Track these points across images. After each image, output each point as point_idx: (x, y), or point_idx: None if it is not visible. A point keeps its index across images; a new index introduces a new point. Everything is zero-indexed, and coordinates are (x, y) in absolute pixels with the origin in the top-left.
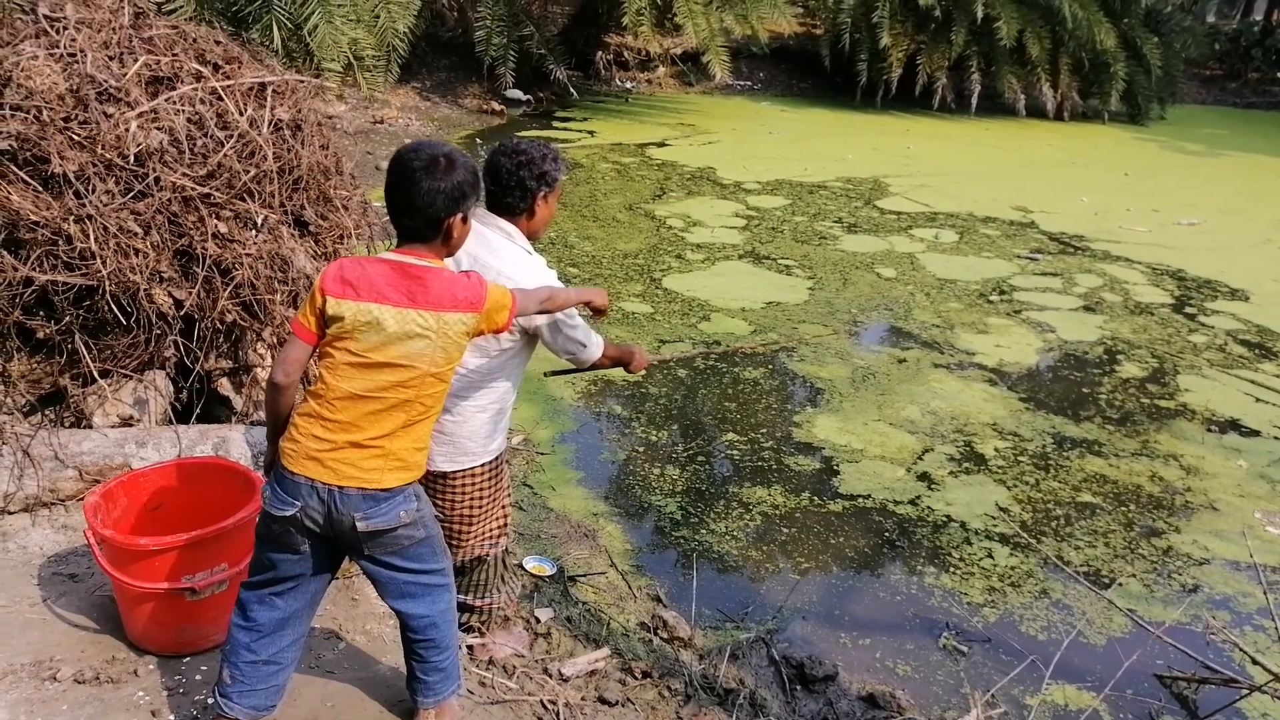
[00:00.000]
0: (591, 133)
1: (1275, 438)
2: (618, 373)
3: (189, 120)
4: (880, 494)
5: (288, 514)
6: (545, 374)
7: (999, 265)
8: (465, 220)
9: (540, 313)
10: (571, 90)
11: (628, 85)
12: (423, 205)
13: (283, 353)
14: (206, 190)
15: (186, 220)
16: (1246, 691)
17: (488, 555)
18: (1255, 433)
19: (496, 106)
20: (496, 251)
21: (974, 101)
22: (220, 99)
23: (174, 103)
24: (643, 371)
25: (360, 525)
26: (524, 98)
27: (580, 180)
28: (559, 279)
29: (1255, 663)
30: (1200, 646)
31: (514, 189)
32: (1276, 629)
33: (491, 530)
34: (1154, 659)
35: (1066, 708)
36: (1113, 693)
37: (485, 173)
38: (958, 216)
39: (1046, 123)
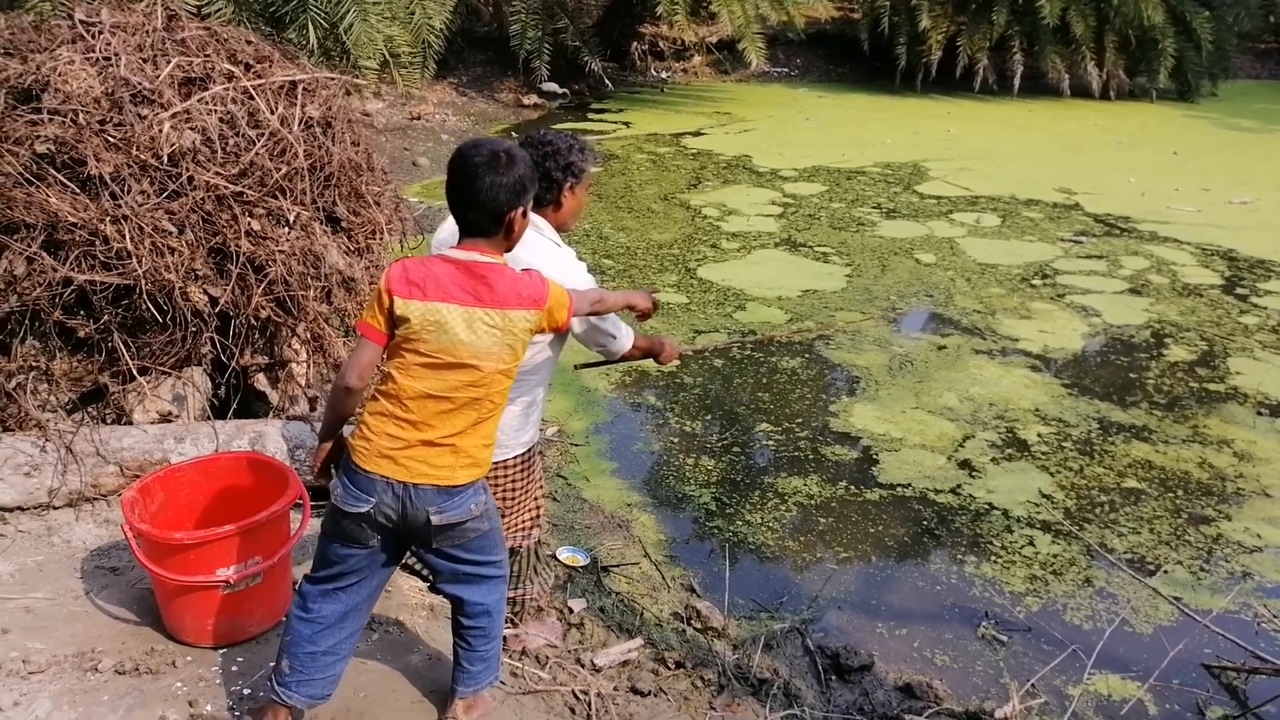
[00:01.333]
0: (627, 124)
1: None
2: (651, 364)
3: (221, 120)
4: (920, 482)
5: (362, 510)
6: (576, 366)
7: (1042, 249)
8: (525, 214)
9: (591, 313)
10: (607, 81)
11: (663, 75)
12: (486, 200)
13: (354, 356)
14: (239, 189)
15: (220, 219)
16: None
17: (520, 546)
18: None
19: (532, 100)
20: (526, 244)
21: (1016, 82)
22: (251, 98)
23: (206, 103)
24: (675, 362)
25: (435, 519)
26: (560, 90)
27: (615, 171)
28: (590, 270)
29: None
30: (1250, 635)
31: (540, 180)
32: None
33: (524, 522)
34: (1202, 648)
35: (1110, 698)
36: (1158, 683)
37: None
38: (999, 200)
39: (1092, 102)
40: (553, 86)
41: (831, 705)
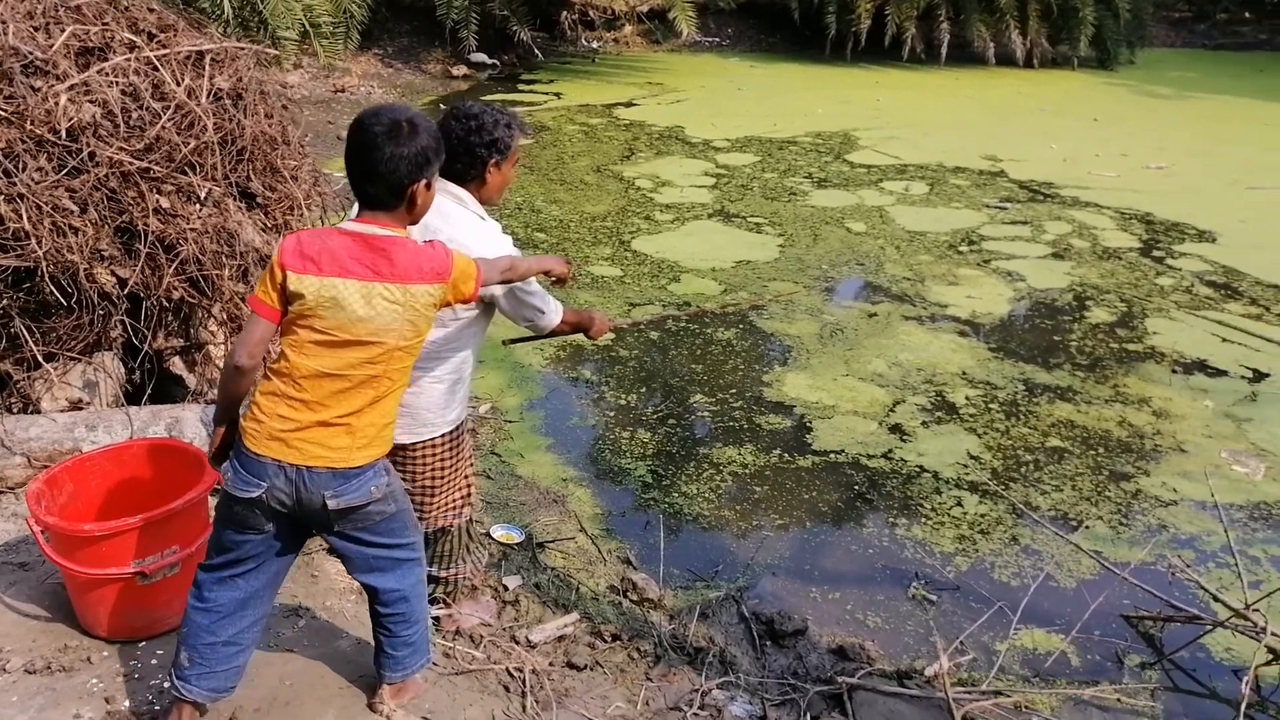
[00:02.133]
0: (558, 94)
1: (1241, 377)
2: (585, 338)
3: (123, 92)
4: (852, 448)
5: (253, 495)
6: (505, 342)
7: (969, 216)
8: (429, 186)
9: (502, 282)
10: (537, 52)
11: (594, 45)
12: (385, 172)
13: (244, 333)
14: (145, 164)
15: (125, 196)
16: (1210, 628)
17: (451, 525)
18: (1222, 372)
19: (461, 71)
20: (449, 218)
21: (943, 51)
22: (155, 69)
23: (106, 74)
24: (607, 337)
25: (331, 503)
26: (489, 61)
27: (547, 143)
28: (516, 245)
29: (1217, 600)
30: (1165, 586)
31: (463, 155)
32: (1236, 566)
33: (454, 500)
34: (1121, 600)
35: (1035, 651)
36: (1080, 635)
37: None
38: (927, 168)
39: (1016, 70)
40: (481, 57)
41: (767, 671)
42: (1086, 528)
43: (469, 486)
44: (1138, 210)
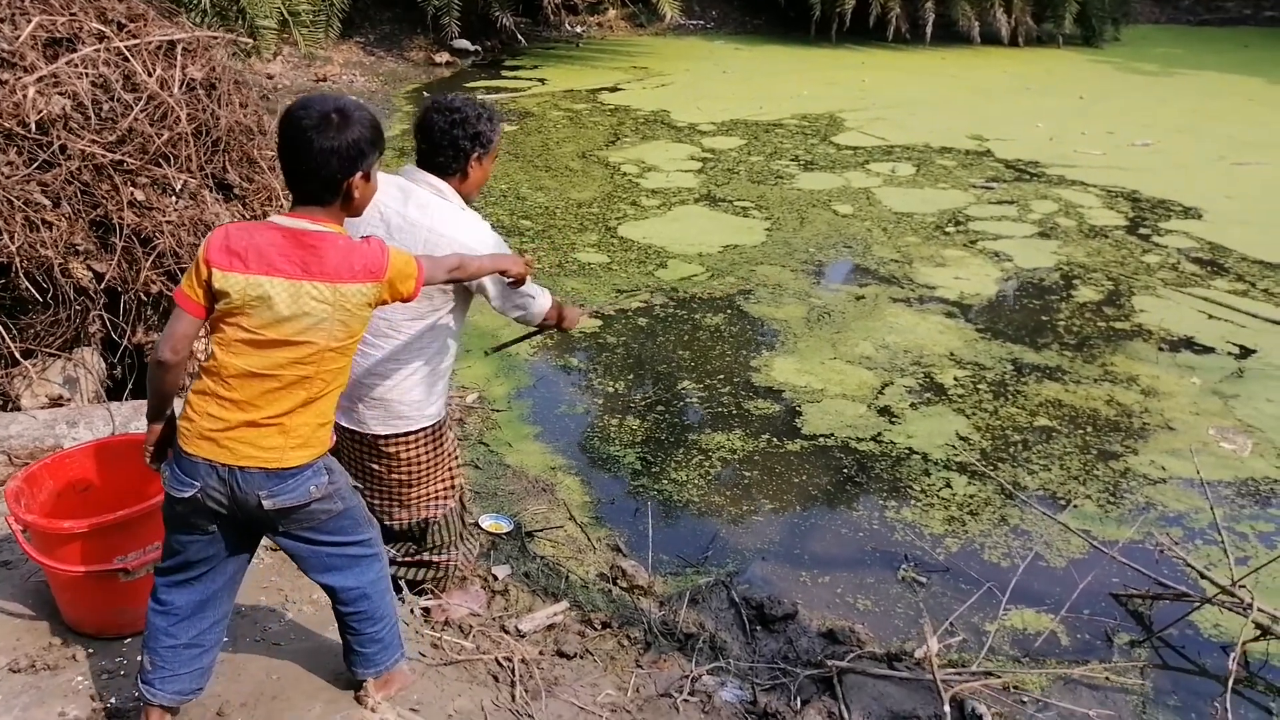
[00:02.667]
0: (542, 80)
1: (1228, 353)
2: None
3: (93, 84)
4: (841, 431)
5: (187, 495)
6: (486, 352)
7: (955, 196)
8: (368, 178)
9: (448, 281)
10: (520, 38)
11: (578, 30)
12: (316, 167)
13: (168, 327)
14: (118, 157)
15: (99, 189)
16: (1198, 605)
17: (435, 517)
18: (1209, 349)
19: (444, 58)
20: (427, 209)
21: (928, 31)
22: (126, 59)
23: (75, 65)
24: (586, 322)
25: (266, 504)
26: (472, 48)
27: (532, 129)
28: (500, 233)
29: (1204, 576)
30: (1153, 563)
31: (446, 148)
32: (1222, 543)
33: (436, 492)
34: (1110, 578)
35: (1025, 631)
36: (1069, 614)
37: (416, 129)
38: (914, 149)
39: (1001, 49)
40: (464, 44)
41: (757, 655)
42: (1075, 507)
43: (452, 478)
44: (1124, 188)
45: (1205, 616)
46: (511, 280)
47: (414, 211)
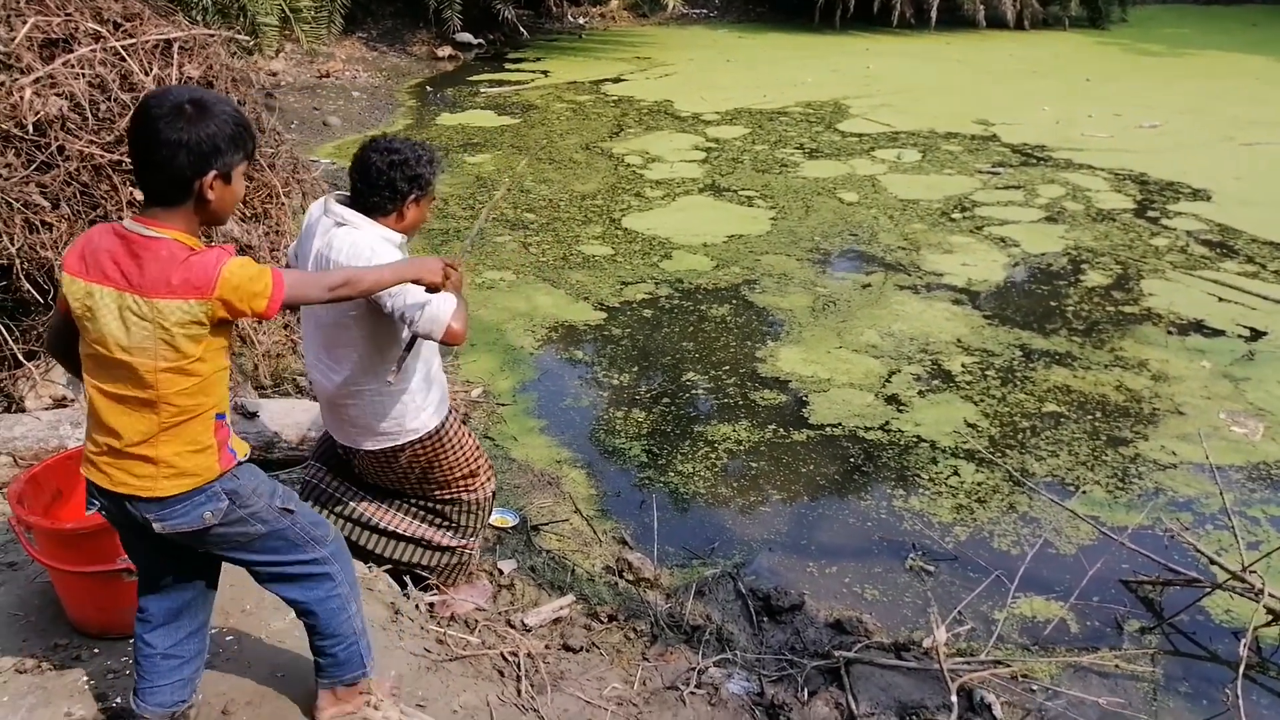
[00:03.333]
0: (545, 72)
1: (1239, 336)
2: (580, 314)
3: (90, 84)
4: (848, 421)
5: (95, 510)
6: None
7: (961, 182)
8: (227, 180)
9: (333, 300)
10: (522, 30)
11: (580, 21)
12: (161, 161)
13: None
14: (117, 157)
15: (98, 189)
16: (1209, 590)
17: (460, 497)
18: (1219, 332)
19: (447, 52)
20: (333, 244)
21: (933, 15)
22: (123, 59)
23: (72, 66)
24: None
25: (156, 527)
26: (475, 41)
27: (535, 122)
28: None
29: (1214, 562)
30: (1163, 549)
31: (383, 188)
32: (1234, 528)
33: (457, 484)
34: (1119, 565)
35: (1034, 619)
36: (1079, 601)
37: (353, 169)
38: (919, 134)
39: (1007, 32)
40: (467, 37)
41: (764, 646)
42: (1084, 493)
43: (472, 471)
44: (1131, 170)
45: (1216, 602)
46: (428, 288)
47: (319, 242)
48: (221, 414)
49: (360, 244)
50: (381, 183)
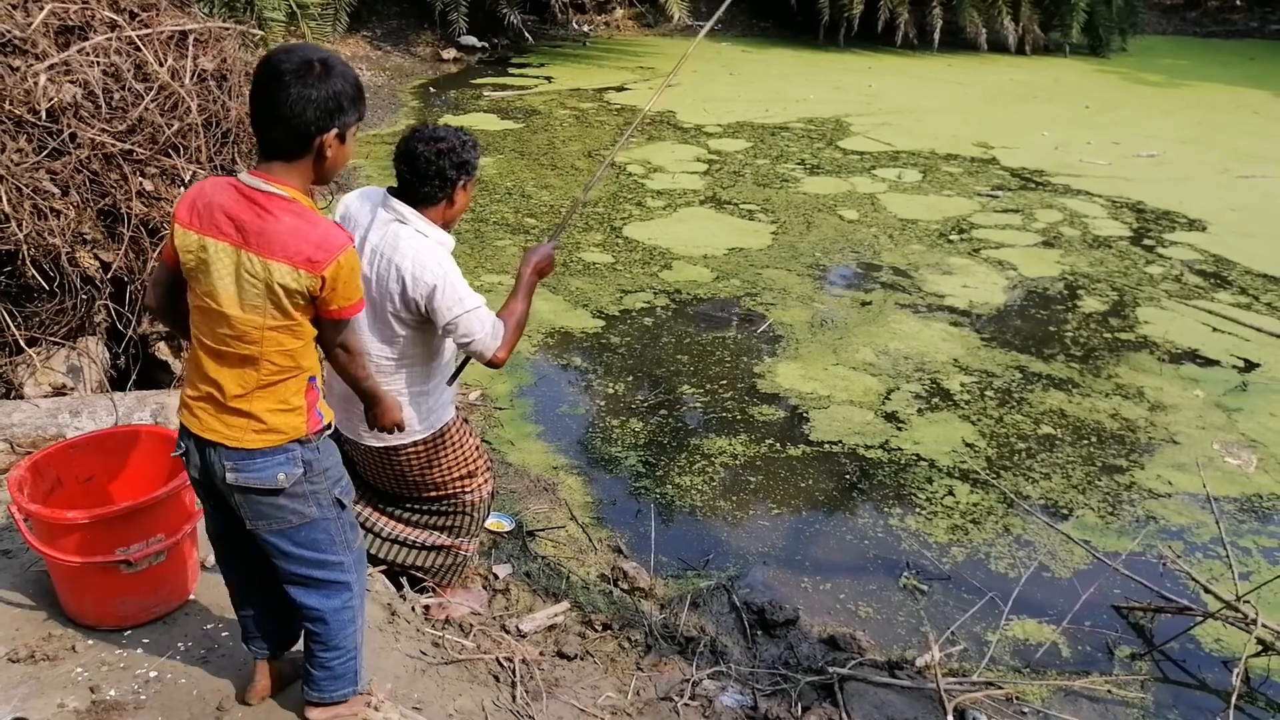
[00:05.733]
0: (549, 78)
1: (1233, 366)
2: (579, 321)
3: (105, 72)
4: (845, 438)
5: (177, 454)
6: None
7: (960, 203)
8: (343, 139)
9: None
10: (527, 35)
11: (585, 29)
12: (289, 115)
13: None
14: (128, 146)
15: (108, 179)
16: (1200, 619)
17: (453, 496)
18: (1213, 362)
19: (451, 54)
20: (399, 246)
21: (936, 37)
22: (138, 49)
23: (87, 54)
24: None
25: (229, 478)
26: (479, 44)
27: (538, 128)
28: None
29: (1208, 591)
30: (1156, 577)
31: (433, 178)
32: (1226, 558)
33: (454, 485)
34: (1112, 590)
35: (1026, 642)
36: (1071, 625)
37: (400, 159)
38: (919, 155)
39: (1008, 57)
40: (471, 40)
41: (757, 660)
42: (1078, 518)
43: (471, 472)
44: (1128, 198)
45: (1207, 631)
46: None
47: (377, 238)
48: (314, 377)
49: (426, 257)
50: (431, 172)
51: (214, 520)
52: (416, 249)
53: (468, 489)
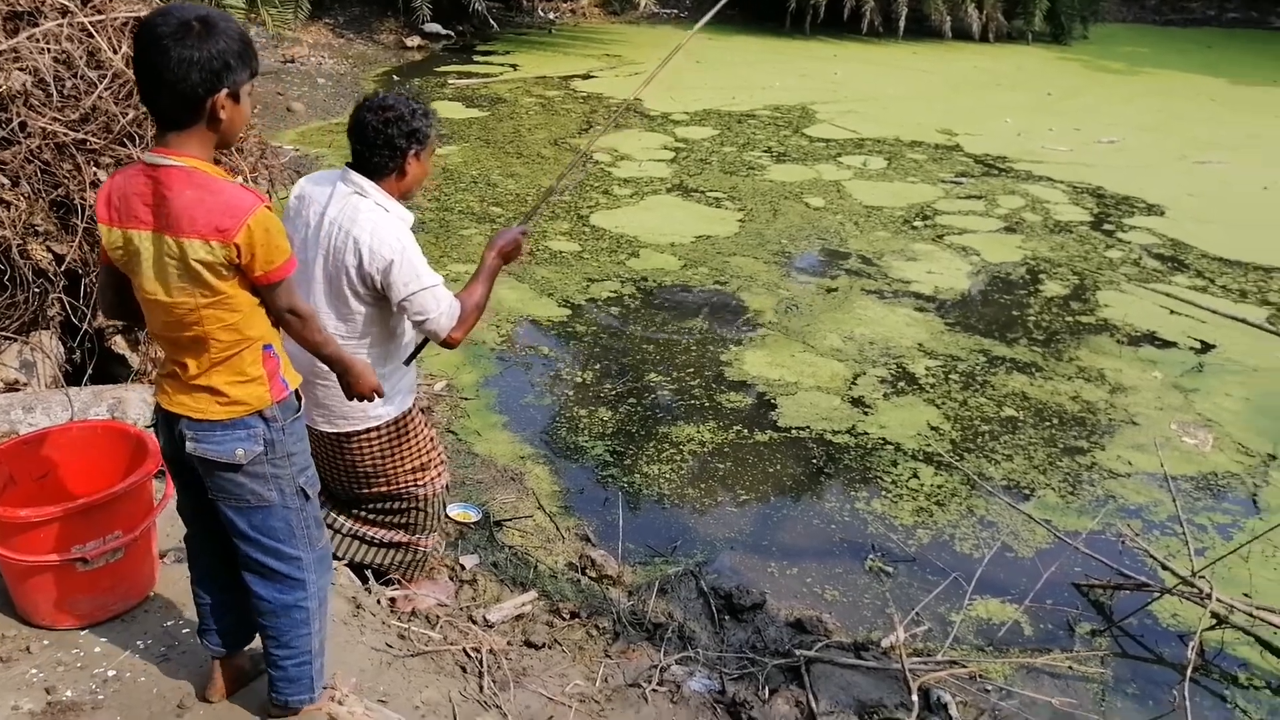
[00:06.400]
0: (514, 66)
1: (1190, 348)
2: (545, 310)
3: (56, 59)
4: (812, 423)
5: (152, 426)
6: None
7: (925, 190)
8: (237, 99)
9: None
10: (492, 22)
11: (550, 16)
12: (173, 79)
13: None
14: (81, 135)
15: (61, 169)
16: (1158, 595)
17: (404, 492)
18: (1171, 344)
19: (415, 42)
20: (358, 219)
21: (901, 25)
22: (90, 35)
23: (37, 40)
24: (524, 249)
25: (189, 446)
26: (443, 32)
27: (504, 115)
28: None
29: (1165, 568)
30: (1115, 555)
31: (381, 148)
32: (1183, 534)
33: (406, 479)
34: (1073, 569)
35: (989, 621)
36: (1033, 604)
37: (350, 131)
38: (884, 142)
39: (972, 44)
40: (436, 27)
41: (725, 645)
42: (1039, 498)
43: (423, 465)
44: (1089, 184)
45: (1164, 606)
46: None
47: (336, 211)
48: (269, 345)
49: (385, 231)
50: (379, 142)
51: (182, 497)
52: (376, 222)
53: (420, 482)
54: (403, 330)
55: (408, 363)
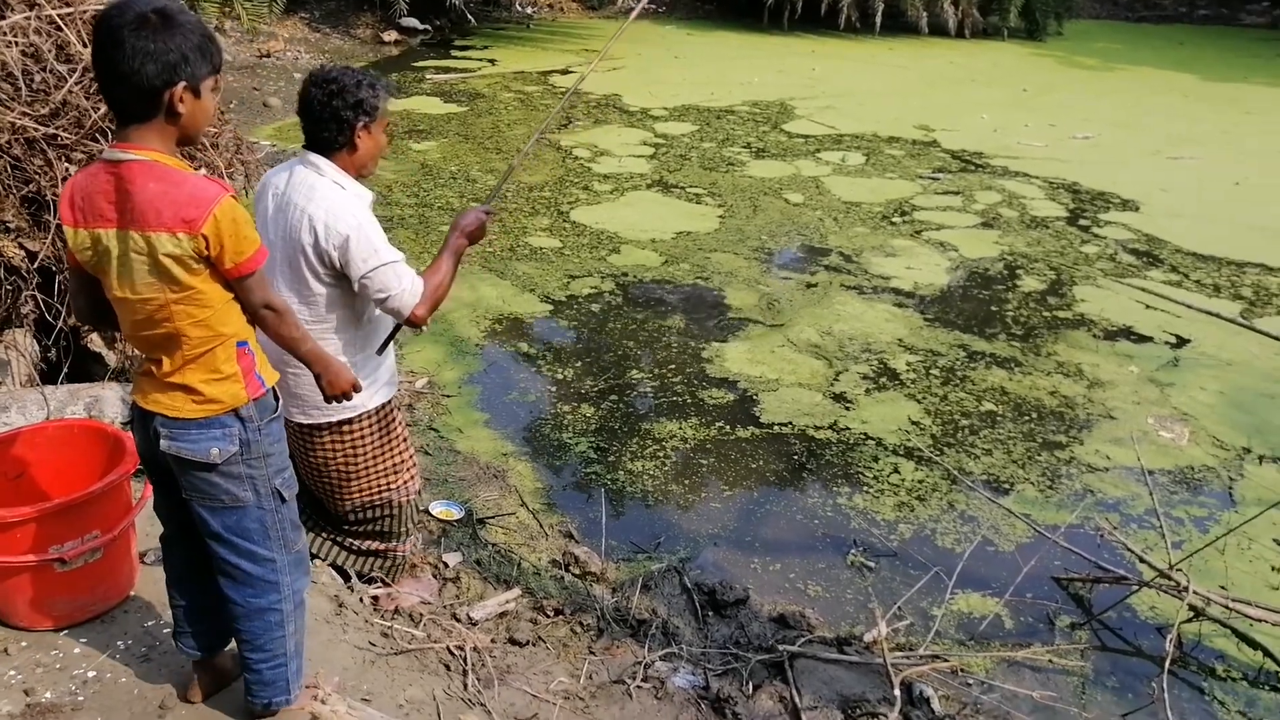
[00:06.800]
0: (493, 61)
1: (1165, 343)
2: (527, 306)
3: (24, 53)
4: (793, 418)
5: (127, 422)
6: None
7: (902, 186)
8: (197, 94)
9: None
10: (470, 17)
11: (528, 10)
12: (128, 71)
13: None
14: (52, 130)
15: (31, 164)
16: (1136, 588)
17: (379, 500)
18: (1146, 338)
19: (392, 36)
20: (312, 196)
21: (878, 21)
22: (59, 29)
23: (4, 33)
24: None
25: (163, 444)
26: (421, 26)
27: (482, 111)
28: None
29: (1143, 561)
30: (1094, 548)
31: (328, 121)
32: (1161, 527)
33: (378, 485)
34: (1052, 562)
35: (970, 615)
36: (1013, 597)
37: (298, 108)
38: (863, 138)
39: (948, 41)
40: (413, 22)
41: (709, 640)
42: (1018, 492)
43: (397, 468)
44: (1065, 180)
45: (1143, 599)
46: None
47: (299, 197)
48: (243, 341)
49: (341, 208)
50: (325, 116)
51: (159, 496)
52: (331, 199)
53: (391, 485)
54: (370, 317)
55: (380, 351)
